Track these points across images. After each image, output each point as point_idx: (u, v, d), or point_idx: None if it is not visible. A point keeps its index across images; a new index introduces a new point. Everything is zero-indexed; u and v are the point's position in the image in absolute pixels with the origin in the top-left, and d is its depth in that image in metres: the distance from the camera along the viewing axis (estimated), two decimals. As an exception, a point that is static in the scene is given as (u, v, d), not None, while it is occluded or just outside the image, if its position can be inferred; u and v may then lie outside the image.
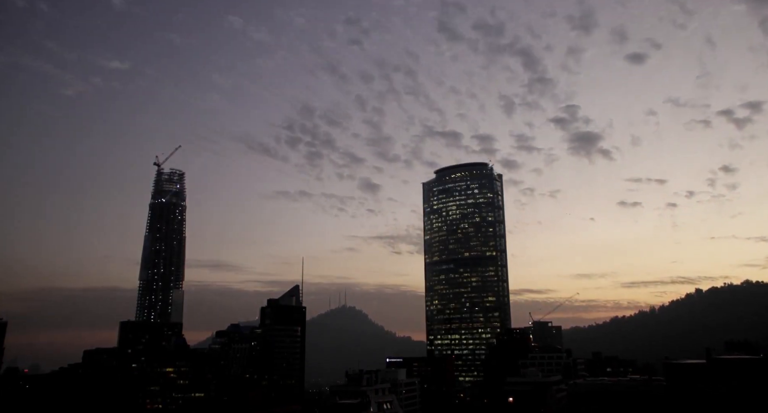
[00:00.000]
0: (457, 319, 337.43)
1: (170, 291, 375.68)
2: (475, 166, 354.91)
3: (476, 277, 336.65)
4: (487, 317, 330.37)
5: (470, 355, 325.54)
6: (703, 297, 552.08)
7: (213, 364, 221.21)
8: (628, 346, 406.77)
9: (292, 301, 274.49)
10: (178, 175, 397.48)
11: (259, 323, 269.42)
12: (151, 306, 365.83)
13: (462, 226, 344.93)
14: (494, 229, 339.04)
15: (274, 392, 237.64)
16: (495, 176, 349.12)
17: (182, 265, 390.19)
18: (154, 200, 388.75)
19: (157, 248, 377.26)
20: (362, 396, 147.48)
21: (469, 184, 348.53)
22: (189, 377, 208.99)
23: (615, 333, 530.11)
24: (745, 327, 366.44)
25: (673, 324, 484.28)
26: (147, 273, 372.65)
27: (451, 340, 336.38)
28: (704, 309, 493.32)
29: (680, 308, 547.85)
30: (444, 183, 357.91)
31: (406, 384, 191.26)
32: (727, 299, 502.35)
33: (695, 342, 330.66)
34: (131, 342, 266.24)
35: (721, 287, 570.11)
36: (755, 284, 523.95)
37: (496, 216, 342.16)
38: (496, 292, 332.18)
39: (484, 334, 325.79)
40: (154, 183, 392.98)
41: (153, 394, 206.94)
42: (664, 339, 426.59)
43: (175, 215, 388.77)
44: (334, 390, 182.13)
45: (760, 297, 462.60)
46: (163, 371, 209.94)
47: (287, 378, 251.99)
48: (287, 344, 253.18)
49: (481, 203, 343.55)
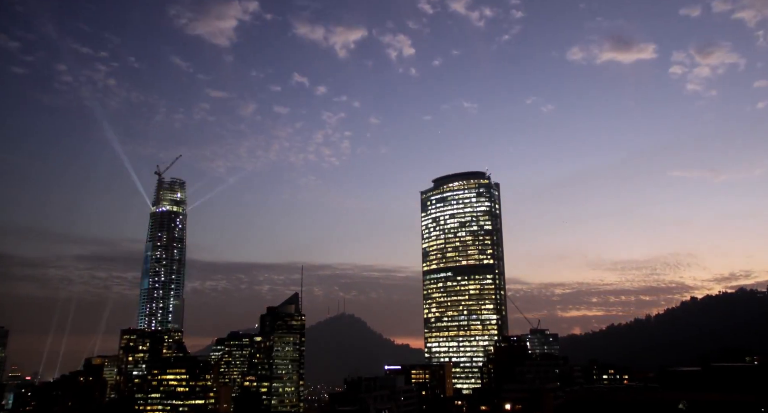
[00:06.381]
0: (454, 327, 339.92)
1: (171, 299, 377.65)
2: (473, 174, 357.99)
3: (474, 285, 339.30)
4: (484, 325, 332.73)
5: (468, 362, 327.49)
6: (698, 305, 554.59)
7: (213, 371, 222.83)
8: (624, 353, 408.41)
9: (292, 309, 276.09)
10: (179, 184, 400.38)
11: (259, 330, 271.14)
12: (152, 314, 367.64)
13: (460, 235, 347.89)
14: (492, 238, 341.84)
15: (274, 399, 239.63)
16: (493, 184, 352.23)
17: (183, 273, 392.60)
18: (154, 208, 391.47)
19: (158, 256, 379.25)
20: (361, 402, 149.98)
21: (467, 193, 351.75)
22: (189, 384, 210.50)
23: (611, 340, 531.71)
24: (740, 334, 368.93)
25: (668, 331, 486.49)
26: (148, 281, 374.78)
27: (449, 348, 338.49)
28: (699, 317, 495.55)
29: (675, 315, 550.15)
30: (442, 192, 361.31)
31: (405, 391, 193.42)
32: (722, 306, 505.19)
33: (691, 350, 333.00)
34: (132, 349, 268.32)
35: (716, 295, 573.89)
36: (749, 292, 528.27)
37: (494, 224, 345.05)
38: (494, 300, 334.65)
39: (482, 342, 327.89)
40: (155, 191, 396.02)
41: (153, 401, 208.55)
42: (660, 347, 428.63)
43: (175, 223, 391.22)
44: (334, 397, 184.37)
45: (753, 304, 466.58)
46: (164, 378, 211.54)
47: (286, 385, 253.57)
48: (286, 351, 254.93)
49: (479, 211, 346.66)
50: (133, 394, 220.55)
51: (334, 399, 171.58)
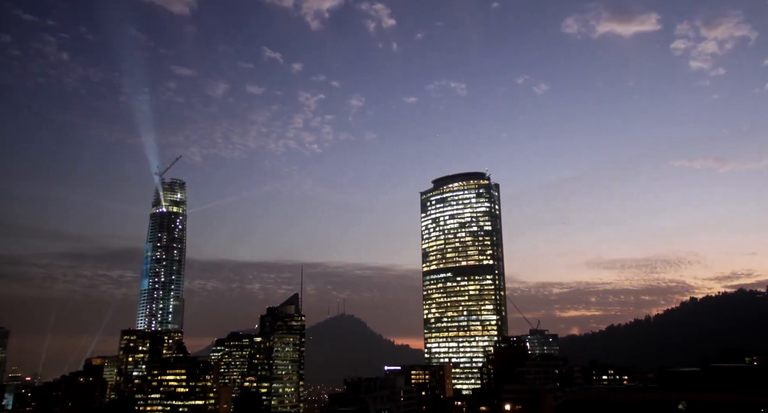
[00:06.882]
0: (454, 328, 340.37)
1: (171, 299, 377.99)
2: (473, 175, 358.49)
3: (474, 286, 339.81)
4: (484, 325, 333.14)
5: (468, 363, 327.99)
6: (697, 305, 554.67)
7: (213, 372, 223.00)
8: (624, 354, 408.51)
9: (292, 310, 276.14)
10: (179, 185, 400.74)
11: (259, 331, 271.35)
12: (152, 314, 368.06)
13: (459, 235, 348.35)
14: (492, 238, 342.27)
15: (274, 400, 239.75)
16: (492, 185, 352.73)
17: (183, 273, 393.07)
18: (154, 209, 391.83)
19: (158, 256, 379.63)
20: (361, 403, 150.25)
21: (467, 194, 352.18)
22: (189, 385, 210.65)
23: (611, 341, 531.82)
24: (740, 334, 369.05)
25: (667, 332, 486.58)
26: (148, 282, 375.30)
27: (448, 348, 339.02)
28: (699, 317, 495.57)
29: (675, 316, 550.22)
30: (441, 192, 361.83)
31: (405, 392, 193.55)
32: (721, 307, 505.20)
33: (690, 350, 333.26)
34: (132, 349, 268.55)
35: (716, 295, 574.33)
36: (748, 292, 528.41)
37: (494, 225, 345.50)
38: (494, 301, 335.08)
39: (482, 342, 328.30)
40: (155, 192, 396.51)
41: (153, 402, 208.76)
42: (660, 347, 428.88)
43: (175, 224, 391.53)
44: (334, 398, 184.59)
45: (753, 304, 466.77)
46: (164, 378, 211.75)
47: (286, 386, 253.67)
48: (286, 352, 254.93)
49: (479, 212, 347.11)
50: (133, 395, 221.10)
51: (334, 400, 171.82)
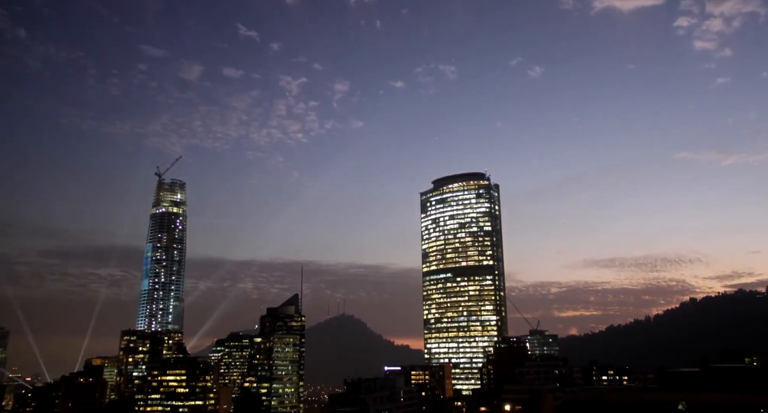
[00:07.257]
0: (454, 328, 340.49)
1: (171, 300, 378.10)
2: (473, 175, 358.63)
3: (474, 286, 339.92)
4: (484, 326, 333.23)
5: (468, 363, 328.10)
6: (697, 305, 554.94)
7: (213, 372, 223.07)
8: (624, 354, 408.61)
9: (292, 310, 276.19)
10: (179, 185, 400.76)
11: (259, 331, 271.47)
12: (152, 315, 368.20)
13: (459, 236, 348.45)
14: (491, 239, 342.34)
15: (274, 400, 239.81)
16: (492, 186, 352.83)
17: (183, 274, 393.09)
18: (154, 209, 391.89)
19: (158, 257, 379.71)
20: (361, 403, 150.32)
21: (467, 194, 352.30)
22: (189, 385, 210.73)
23: (610, 341, 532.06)
24: (740, 334, 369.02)
25: (667, 332, 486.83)
26: (148, 282, 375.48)
27: (448, 349, 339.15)
28: (699, 317, 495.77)
29: (675, 316, 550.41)
30: (441, 193, 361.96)
31: (405, 392, 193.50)
32: (721, 307, 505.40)
33: (690, 350, 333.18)
34: (132, 350, 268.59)
35: (716, 295, 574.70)
36: (748, 292, 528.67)
37: (494, 225, 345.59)
38: (494, 301, 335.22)
39: (482, 343, 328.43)
40: (155, 193, 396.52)
41: (153, 402, 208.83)
42: (660, 347, 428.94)
43: (176, 225, 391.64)
44: (334, 398, 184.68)
45: (753, 304, 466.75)
46: (164, 379, 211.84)
47: (286, 386, 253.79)
48: (286, 352, 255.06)
49: (479, 212, 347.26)
50: (133, 395, 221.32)
51: (334, 400, 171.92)
